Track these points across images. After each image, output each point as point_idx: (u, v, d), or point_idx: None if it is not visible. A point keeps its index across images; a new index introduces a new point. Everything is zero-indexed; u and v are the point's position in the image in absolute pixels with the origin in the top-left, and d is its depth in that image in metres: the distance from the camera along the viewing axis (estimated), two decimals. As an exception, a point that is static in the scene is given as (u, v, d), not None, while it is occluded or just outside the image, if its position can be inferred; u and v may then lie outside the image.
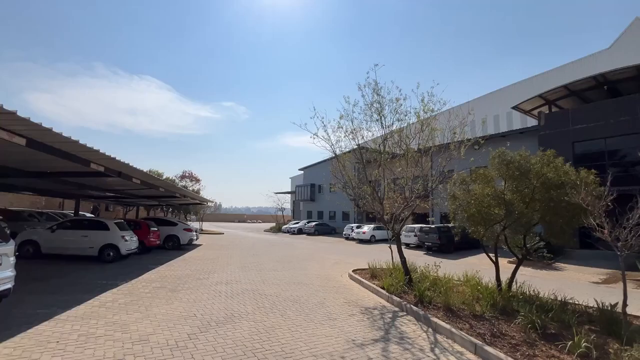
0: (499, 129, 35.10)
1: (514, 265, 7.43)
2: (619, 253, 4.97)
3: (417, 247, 19.79)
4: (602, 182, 6.07)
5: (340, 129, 8.98)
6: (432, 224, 21.71)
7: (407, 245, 20.29)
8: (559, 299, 6.44)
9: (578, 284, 10.04)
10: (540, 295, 6.66)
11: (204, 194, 36.11)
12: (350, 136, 9.01)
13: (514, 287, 7.09)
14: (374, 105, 8.52)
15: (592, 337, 4.49)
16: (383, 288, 7.91)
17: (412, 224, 21.85)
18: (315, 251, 18.04)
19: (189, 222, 26.60)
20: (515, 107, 21.65)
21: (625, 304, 5.15)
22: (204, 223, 38.33)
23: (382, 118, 8.50)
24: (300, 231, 33.51)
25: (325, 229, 33.46)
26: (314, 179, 41.47)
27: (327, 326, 5.55)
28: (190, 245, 18.22)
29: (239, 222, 70.92)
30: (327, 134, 9.05)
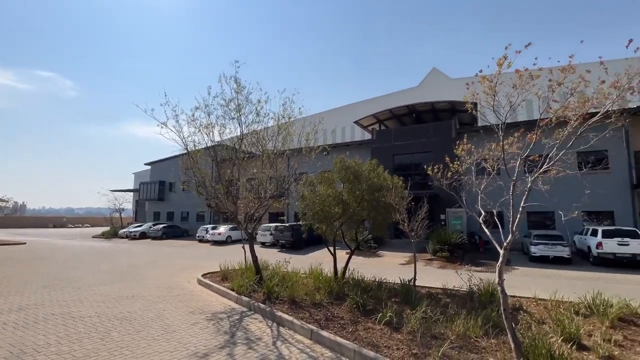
0: (345, 139, 40.95)
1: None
2: (412, 240, 6.62)
3: (273, 245, 20.52)
4: (407, 187, 7.94)
5: (195, 121, 8.31)
6: (287, 222, 23.02)
7: (263, 244, 20.74)
8: (377, 280, 7.98)
9: (391, 266, 12.79)
10: (365, 279, 8.05)
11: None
12: (206, 131, 8.45)
13: (347, 274, 8.33)
14: (233, 101, 8.29)
15: (395, 307, 5.78)
16: (233, 290, 7.74)
17: (270, 223, 22.53)
18: (160, 257, 15.91)
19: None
20: (356, 122, 25.77)
21: (415, 279, 6.91)
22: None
23: (241, 116, 8.37)
24: (143, 235, 28.89)
25: (176, 232, 30.12)
26: (164, 176, 36.64)
27: (162, 341, 4.93)
28: (-43, 264, 12.65)
29: (54, 227, 54.51)
30: (179, 124, 8.19)
